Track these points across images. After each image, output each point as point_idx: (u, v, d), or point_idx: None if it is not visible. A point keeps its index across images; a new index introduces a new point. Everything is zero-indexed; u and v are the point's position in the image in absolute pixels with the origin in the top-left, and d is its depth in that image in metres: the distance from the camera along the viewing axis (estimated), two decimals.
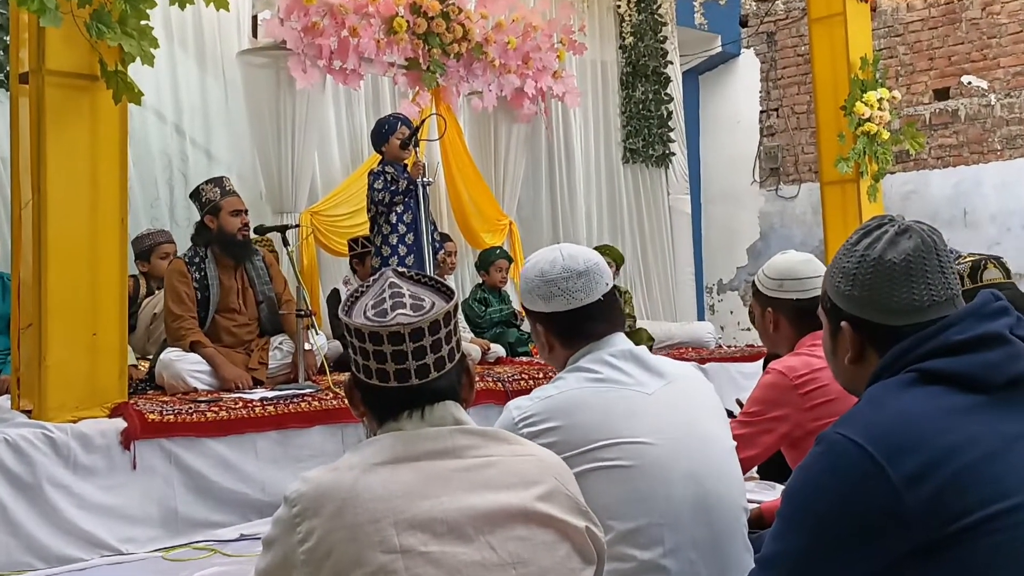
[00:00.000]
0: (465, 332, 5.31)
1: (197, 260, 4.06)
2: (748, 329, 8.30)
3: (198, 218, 4.19)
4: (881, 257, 1.22)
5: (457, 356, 1.35)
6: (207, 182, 4.16)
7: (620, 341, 1.74)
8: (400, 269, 1.42)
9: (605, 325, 1.74)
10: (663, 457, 1.61)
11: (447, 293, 1.37)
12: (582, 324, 1.73)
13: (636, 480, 1.59)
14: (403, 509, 1.21)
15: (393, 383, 1.31)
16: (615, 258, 5.83)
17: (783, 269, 2.29)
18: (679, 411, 1.68)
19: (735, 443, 1.79)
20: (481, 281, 5.83)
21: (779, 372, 2.23)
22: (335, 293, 5.24)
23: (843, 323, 1.27)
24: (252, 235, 4.24)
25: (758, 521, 2.17)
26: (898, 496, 1.08)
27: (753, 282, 2.41)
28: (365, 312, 1.32)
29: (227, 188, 4.11)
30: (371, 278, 1.41)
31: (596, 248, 5.82)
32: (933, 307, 1.21)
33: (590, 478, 1.56)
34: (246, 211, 4.13)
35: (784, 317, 2.29)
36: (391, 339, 1.29)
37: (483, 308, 5.65)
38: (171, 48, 5.45)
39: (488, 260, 5.81)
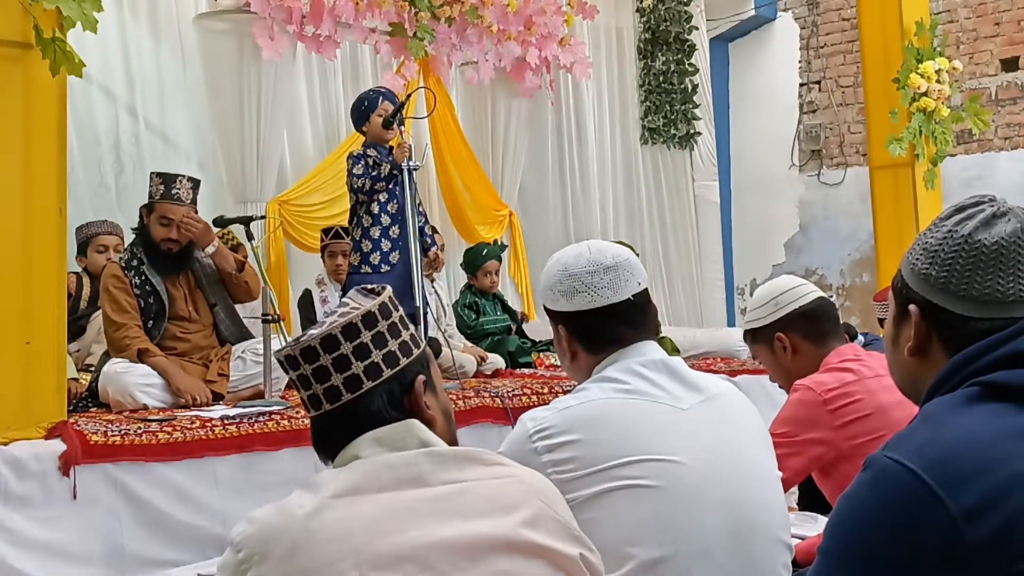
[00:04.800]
0: (456, 341, 5.30)
1: (135, 263, 4.05)
2: None
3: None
4: (970, 236, 1.22)
5: (386, 372, 1.36)
6: (159, 174, 4.13)
7: (652, 350, 1.76)
8: (370, 286, 1.45)
9: (635, 330, 1.76)
10: (696, 480, 1.62)
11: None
12: (608, 327, 1.75)
13: (663, 503, 1.60)
14: (364, 548, 1.21)
15: (312, 411, 1.38)
16: None
17: (768, 291, 2.44)
18: (717, 431, 1.69)
19: None
20: (470, 283, 5.81)
21: (807, 388, 2.30)
22: (307, 294, 5.24)
23: (911, 307, 1.27)
24: (215, 229, 4.23)
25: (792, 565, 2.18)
26: (957, 531, 1.07)
27: (743, 333, 2.53)
28: None
29: (172, 190, 4.04)
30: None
31: None
32: (1017, 304, 1.21)
33: (611, 498, 1.58)
34: (182, 225, 4.03)
35: (798, 333, 2.40)
36: (289, 363, 1.37)
37: (474, 315, 5.62)
38: (119, 12, 5.46)
39: (475, 264, 5.72)
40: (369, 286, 1.45)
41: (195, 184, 4.14)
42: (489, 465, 1.34)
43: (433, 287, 5.35)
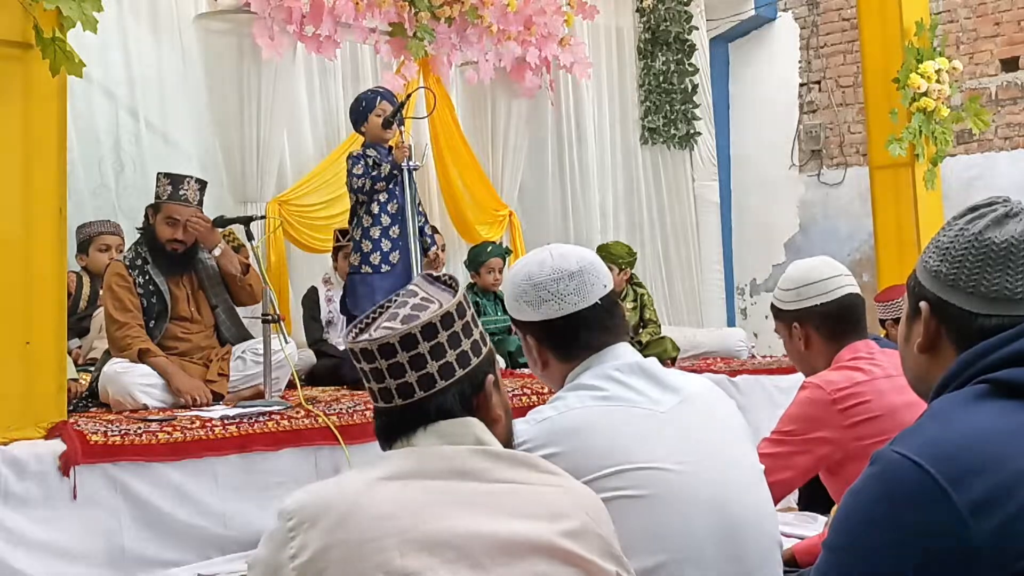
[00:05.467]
0: None
1: (139, 263, 4.05)
2: None
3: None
4: (981, 234, 1.23)
5: (459, 373, 1.37)
6: (166, 175, 4.14)
7: (624, 352, 1.75)
8: (436, 274, 1.47)
9: (605, 334, 1.74)
10: (682, 484, 1.62)
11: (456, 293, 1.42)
12: (578, 333, 1.73)
13: (652, 511, 1.60)
14: (410, 528, 1.23)
15: (380, 403, 1.38)
16: (622, 256, 5.72)
17: (798, 276, 2.38)
18: (698, 431, 1.69)
19: (764, 465, 1.80)
20: (472, 283, 5.80)
21: (816, 386, 2.29)
22: (313, 292, 5.23)
23: (921, 304, 1.28)
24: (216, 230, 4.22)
25: (789, 564, 2.17)
26: (964, 525, 1.07)
27: (771, 304, 2.49)
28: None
29: (180, 192, 4.04)
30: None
31: (602, 246, 5.85)
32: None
33: None
34: (187, 225, 4.04)
35: (813, 329, 2.38)
36: (364, 356, 1.36)
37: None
38: (120, 12, 5.45)
39: (478, 260, 5.71)
40: (436, 273, 1.47)
41: (202, 186, 4.15)
42: (543, 472, 1.36)
43: None
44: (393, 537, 1.22)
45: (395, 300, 1.42)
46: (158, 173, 4.19)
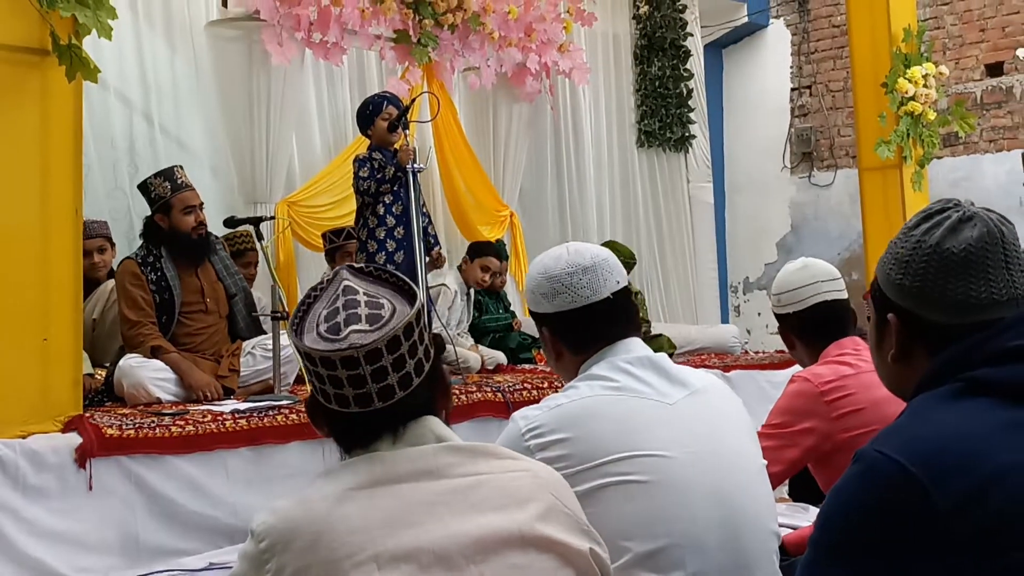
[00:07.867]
0: (465, 339, 5.30)
1: (151, 259, 4.03)
2: (777, 332, 8.28)
3: (149, 213, 4.14)
4: (939, 245, 1.22)
5: (427, 367, 1.33)
6: (156, 175, 4.12)
7: (636, 346, 1.76)
8: (357, 265, 1.40)
9: (617, 328, 1.76)
10: (685, 473, 1.63)
11: (410, 294, 1.34)
12: (591, 325, 1.75)
13: (655, 497, 1.60)
14: (384, 540, 1.21)
15: (354, 408, 1.29)
16: (628, 255, 5.78)
17: (779, 282, 2.47)
18: (704, 424, 1.69)
19: None
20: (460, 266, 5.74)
21: (804, 379, 2.32)
22: None
23: (889, 315, 1.27)
24: (225, 229, 4.22)
25: (780, 553, 2.19)
26: (945, 523, 1.07)
27: None
28: (317, 326, 1.30)
29: (179, 181, 4.05)
30: (324, 278, 1.38)
31: (609, 243, 5.87)
32: (992, 306, 1.20)
33: (603, 494, 1.58)
34: (201, 205, 4.08)
35: (792, 334, 2.45)
36: (345, 364, 1.26)
37: (476, 314, 5.61)
38: (135, 20, 5.45)
39: (479, 248, 5.57)
40: (356, 266, 1.40)
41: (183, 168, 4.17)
42: (503, 459, 1.34)
43: (469, 291, 5.41)
44: (368, 550, 1.20)
45: (329, 293, 1.33)
46: (143, 182, 4.12)
